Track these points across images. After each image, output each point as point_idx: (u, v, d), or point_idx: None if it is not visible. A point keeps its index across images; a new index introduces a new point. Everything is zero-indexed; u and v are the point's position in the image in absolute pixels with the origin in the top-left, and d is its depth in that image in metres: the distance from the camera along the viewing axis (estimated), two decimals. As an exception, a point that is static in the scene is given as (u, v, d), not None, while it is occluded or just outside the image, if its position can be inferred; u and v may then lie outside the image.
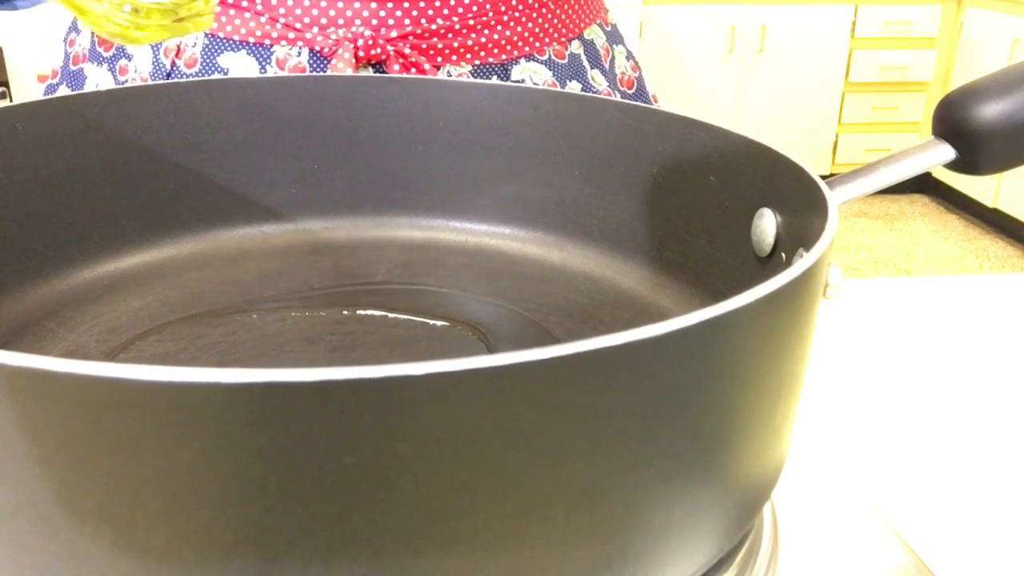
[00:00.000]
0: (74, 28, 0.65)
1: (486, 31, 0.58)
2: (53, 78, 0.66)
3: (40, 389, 0.19)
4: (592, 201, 0.45)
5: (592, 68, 0.64)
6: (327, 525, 0.20)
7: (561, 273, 0.44)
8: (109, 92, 0.43)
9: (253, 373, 0.18)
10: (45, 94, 0.66)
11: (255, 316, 0.40)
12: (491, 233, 0.47)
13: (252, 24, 0.55)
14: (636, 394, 0.21)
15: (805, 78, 3.06)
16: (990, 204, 2.92)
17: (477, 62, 0.59)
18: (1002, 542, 0.37)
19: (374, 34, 0.55)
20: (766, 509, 0.34)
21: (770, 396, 0.26)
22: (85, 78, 0.63)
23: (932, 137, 0.37)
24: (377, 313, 0.40)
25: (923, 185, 3.22)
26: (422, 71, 0.56)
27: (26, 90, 2.61)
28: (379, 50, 0.55)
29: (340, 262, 0.45)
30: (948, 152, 0.36)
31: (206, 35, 0.56)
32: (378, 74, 0.56)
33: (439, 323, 0.40)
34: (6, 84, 2.61)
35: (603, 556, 0.23)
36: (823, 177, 0.31)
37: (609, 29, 0.68)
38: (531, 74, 0.60)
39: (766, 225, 0.36)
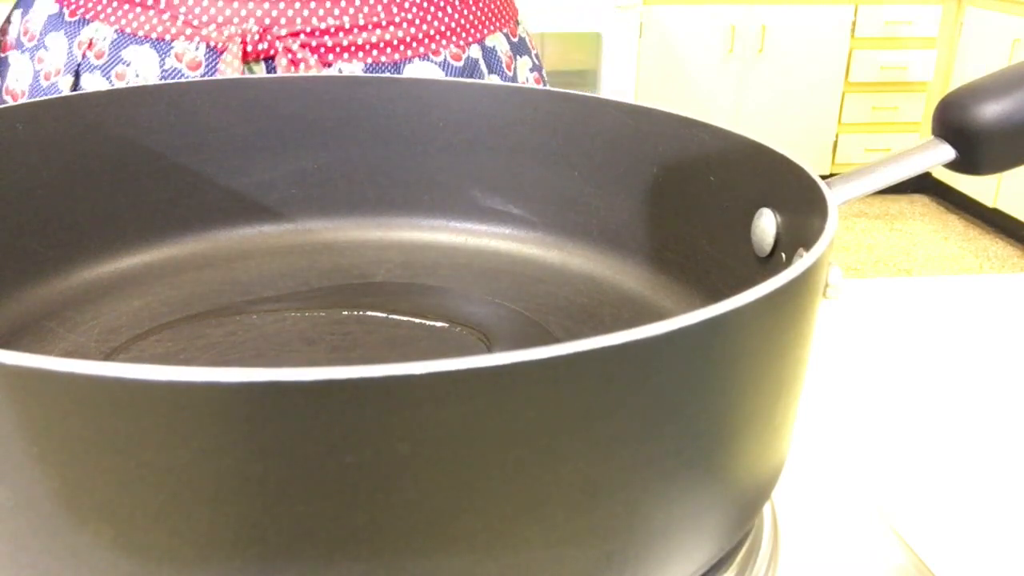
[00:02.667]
0: (8, 18, 0.67)
1: (377, 31, 0.61)
2: None
3: (40, 389, 0.19)
4: (592, 201, 0.44)
5: (490, 73, 0.66)
6: (327, 525, 0.20)
7: (561, 273, 0.44)
8: (109, 92, 0.43)
9: (253, 373, 0.18)
10: None
11: (255, 316, 0.40)
12: (491, 233, 0.47)
13: (155, 21, 0.60)
14: (636, 394, 0.21)
15: (805, 78, 3.06)
16: (990, 204, 2.92)
17: (369, 60, 0.61)
18: (1002, 542, 0.37)
19: (262, 31, 0.58)
20: (766, 509, 0.34)
21: (770, 396, 0.26)
22: (9, 65, 0.65)
23: (932, 137, 0.37)
24: (377, 313, 0.40)
25: (923, 185, 3.22)
26: (309, 67, 0.59)
27: (26, 90, 2.60)
28: (266, 45, 0.58)
29: (340, 262, 0.45)
30: (948, 152, 0.36)
31: (115, 31, 0.60)
32: (377, 74, 0.56)
33: (439, 323, 0.40)
34: (6, 84, 2.61)
35: (603, 556, 0.23)
36: (823, 177, 0.31)
37: (516, 40, 0.69)
38: (423, 74, 0.62)
39: (766, 225, 0.36)
